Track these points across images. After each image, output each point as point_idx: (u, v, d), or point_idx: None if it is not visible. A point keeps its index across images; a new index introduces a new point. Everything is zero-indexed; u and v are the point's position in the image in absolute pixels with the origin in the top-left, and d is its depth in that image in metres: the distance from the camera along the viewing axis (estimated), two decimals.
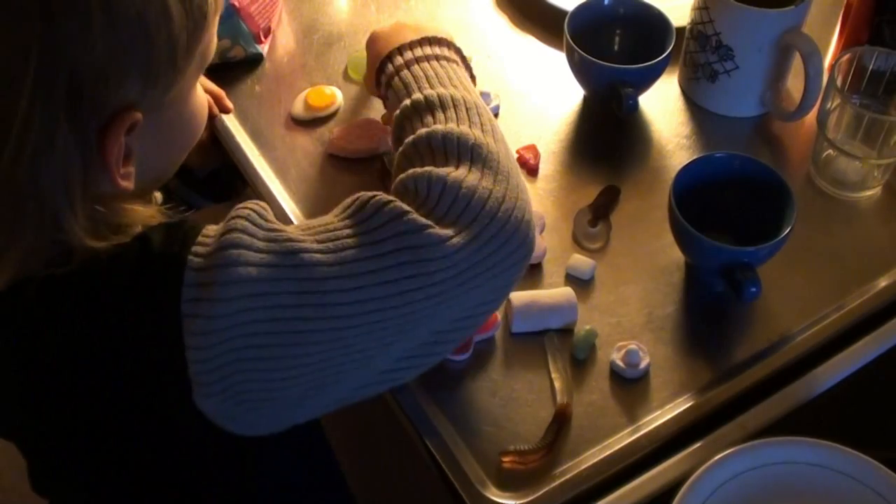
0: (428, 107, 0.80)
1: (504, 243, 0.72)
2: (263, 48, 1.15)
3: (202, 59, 0.76)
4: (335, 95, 1.11)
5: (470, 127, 0.77)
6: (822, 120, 1.01)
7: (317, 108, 1.09)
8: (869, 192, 1.04)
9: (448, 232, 0.70)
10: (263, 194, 1.02)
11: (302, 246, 0.67)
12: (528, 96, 1.13)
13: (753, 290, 0.88)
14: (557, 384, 0.88)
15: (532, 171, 1.05)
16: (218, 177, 1.10)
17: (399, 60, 0.87)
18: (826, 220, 1.01)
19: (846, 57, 1.01)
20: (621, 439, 0.85)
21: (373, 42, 0.94)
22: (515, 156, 0.83)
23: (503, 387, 0.88)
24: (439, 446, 0.84)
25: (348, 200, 0.73)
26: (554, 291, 0.93)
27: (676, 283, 0.96)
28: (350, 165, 1.05)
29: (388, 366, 0.72)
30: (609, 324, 0.92)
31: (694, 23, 1.07)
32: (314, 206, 1.01)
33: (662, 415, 0.87)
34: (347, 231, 0.69)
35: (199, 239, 0.68)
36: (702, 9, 1.05)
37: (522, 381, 0.89)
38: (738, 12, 1.02)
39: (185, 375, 0.66)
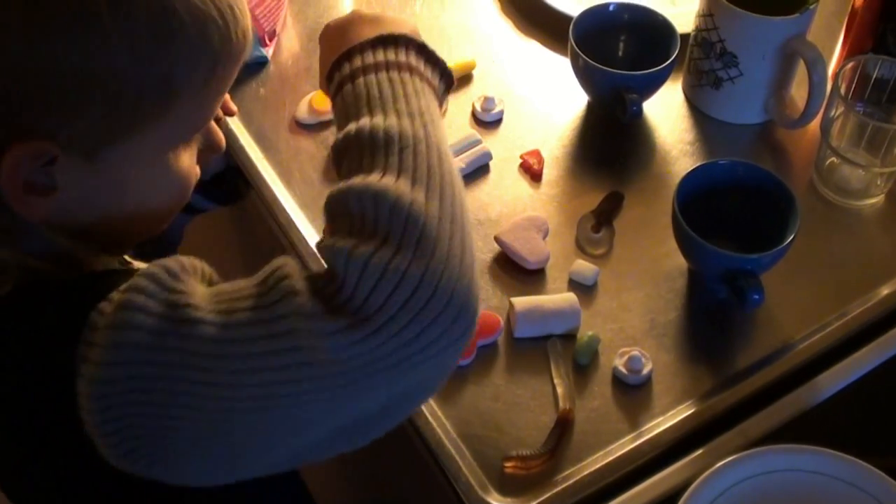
0: (369, 145, 0.68)
1: (418, 335, 0.61)
2: (268, 51, 1.15)
3: (182, 132, 0.73)
4: None
5: (412, 183, 0.65)
6: (825, 128, 1.02)
7: (321, 111, 1.09)
8: (872, 201, 1.04)
9: (342, 323, 0.60)
10: (267, 197, 1.03)
11: (196, 315, 0.63)
12: (533, 101, 1.13)
13: (756, 297, 0.88)
14: (560, 389, 0.88)
15: (536, 176, 1.05)
16: (222, 179, 1.09)
17: (347, 68, 0.76)
18: (829, 228, 1.01)
19: (850, 65, 1.01)
20: (623, 445, 0.85)
21: (325, 37, 0.84)
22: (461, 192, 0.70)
23: (505, 392, 0.88)
24: (441, 451, 0.84)
25: (268, 265, 0.66)
26: (557, 297, 0.93)
27: (679, 290, 0.96)
28: None
29: (324, 436, 0.66)
30: (612, 330, 0.93)
31: (698, 29, 1.07)
32: (317, 209, 1.01)
33: (664, 421, 0.87)
34: (248, 302, 0.63)
35: (112, 294, 0.65)
36: (706, 15, 1.05)
37: (525, 386, 0.89)
38: (743, 19, 1.02)
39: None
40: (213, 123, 0.79)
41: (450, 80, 0.80)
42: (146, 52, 0.66)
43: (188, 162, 0.76)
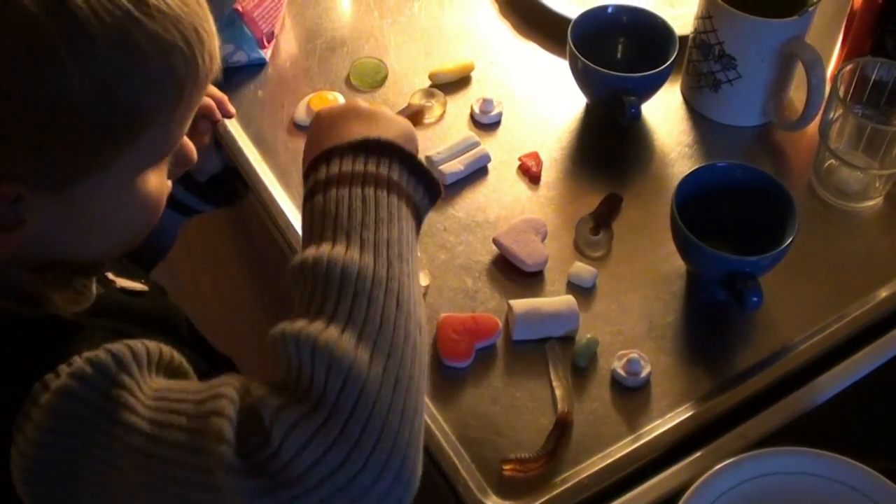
0: (323, 282, 0.63)
1: None
2: (266, 53, 1.15)
3: (150, 157, 0.72)
4: (338, 101, 1.11)
5: (357, 338, 0.60)
6: (824, 130, 1.01)
7: None
8: (870, 203, 1.04)
9: (258, 483, 0.58)
10: (265, 199, 1.02)
11: (131, 420, 0.62)
12: (531, 104, 1.13)
13: (755, 299, 0.88)
14: (558, 392, 0.88)
15: (534, 178, 1.05)
16: (220, 181, 1.09)
17: (323, 172, 0.70)
18: (827, 231, 1.01)
19: (849, 67, 1.01)
20: (622, 448, 0.85)
21: (314, 126, 0.77)
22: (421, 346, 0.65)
23: (504, 394, 0.88)
24: (440, 453, 0.84)
25: (217, 380, 0.64)
26: (555, 299, 0.93)
27: (678, 292, 0.96)
28: None
29: None
30: (610, 332, 0.92)
31: (697, 32, 1.07)
32: None
33: (663, 423, 0.86)
34: (183, 420, 0.61)
35: (60, 368, 0.64)
36: (705, 18, 1.05)
37: (523, 388, 0.89)
38: (742, 22, 1.02)
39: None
40: (186, 139, 0.79)
41: (436, 194, 0.73)
42: (109, 88, 0.65)
43: (157, 182, 0.75)
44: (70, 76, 0.63)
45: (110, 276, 0.85)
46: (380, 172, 0.70)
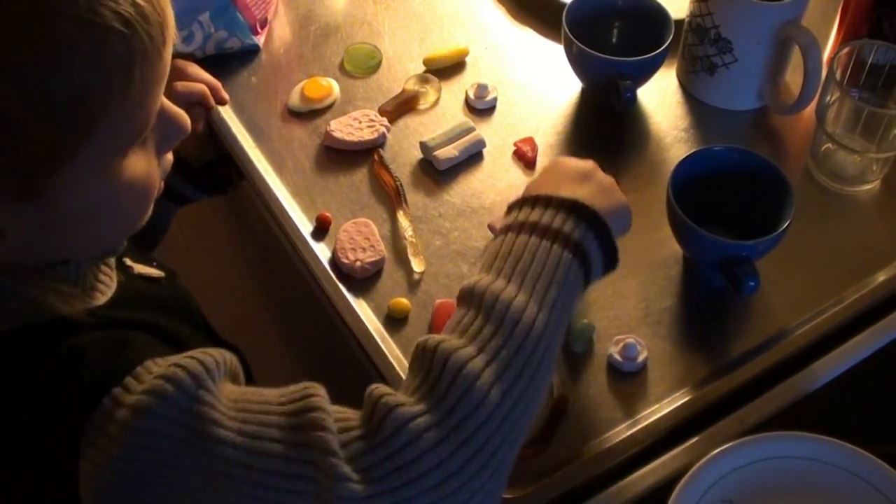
0: (487, 312, 0.69)
1: None
2: (260, 39, 1.15)
3: (122, 140, 0.68)
4: (332, 87, 1.10)
5: (496, 376, 0.66)
6: (820, 113, 1.01)
7: (313, 99, 1.08)
8: (867, 186, 1.03)
9: (366, 491, 0.62)
10: (259, 186, 1.02)
11: (220, 434, 0.63)
12: (526, 89, 1.12)
13: (752, 284, 0.88)
14: (555, 378, 0.87)
15: (529, 163, 1.04)
16: (214, 169, 1.09)
17: (527, 213, 0.75)
18: (824, 214, 1.01)
19: (845, 50, 1.01)
20: (619, 433, 0.85)
21: (550, 167, 0.84)
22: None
23: None
24: None
25: (296, 391, 0.67)
26: None
27: (674, 277, 0.95)
28: (346, 157, 1.05)
29: None
30: (607, 317, 0.92)
31: (692, 15, 1.07)
32: (309, 197, 1.01)
33: (660, 409, 0.86)
34: (275, 432, 0.64)
35: (127, 381, 0.64)
36: (700, 1, 1.04)
37: None
38: (737, 5, 1.02)
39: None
40: (169, 109, 0.74)
41: (613, 267, 0.78)
42: (41, 85, 0.61)
43: (142, 162, 0.72)
44: None
45: (128, 262, 0.84)
46: (574, 237, 0.74)
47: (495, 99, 1.10)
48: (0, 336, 0.68)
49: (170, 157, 0.78)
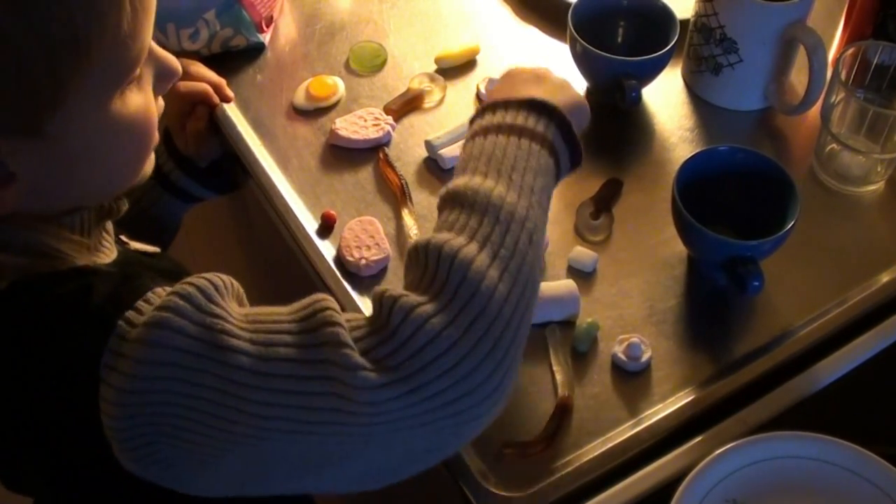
0: (471, 205, 0.70)
1: (452, 401, 0.64)
2: (265, 37, 1.15)
3: (118, 73, 0.69)
4: (337, 85, 1.10)
5: (491, 258, 0.67)
6: (825, 114, 1.01)
7: (318, 97, 1.09)
8: (872, 187, 1.03)
9: (382, 378, 0.63)
10: (264, 184, 1.02)
11: (233, 344, 0.64)
12: None
13: (756, 284, 0.88)
14: (559, 377, 0.88)
15: None
16: (219, 168, 1.09)
17: (489, 118, 0.78)
18: (829, 215, 1.01)
19: (850, 51, 1.01)
20: (622, 432, 0.85)
21: (505, 76, 0.88)
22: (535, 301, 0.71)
23: None
24: None
25: (307, 300, 0.68)
26: (556, 283, 0.93)
27: (679, 277, 0.95)
28: (351, 156, 1.05)
29: (332, 476, 0.68)
30: (611, 317, 0.92)
31: (698, 15, 1.07)
32: (315, 196, 1.01)
33: (664, 408, 0.86)
34: (287, 338, 0.65)
35: (139, 304, 0.65)
36: (706, 1, 1.04)
37: (524, 373, 0.88)
38: (743, 5, 1.02)
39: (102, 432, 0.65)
40: (158, 50, 0.75)
41: (579, 161, 0.81)
42: (38, 16, 0.63)
43: (140, 100, 0.73)
44: None
45: (124, 238, 0.85)
46: (537, 130, 0.77)
47: None
48: (19, 284, 0.68)
49: (161, 102, 0.79)
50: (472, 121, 0.80)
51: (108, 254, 0.78)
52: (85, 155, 0.71)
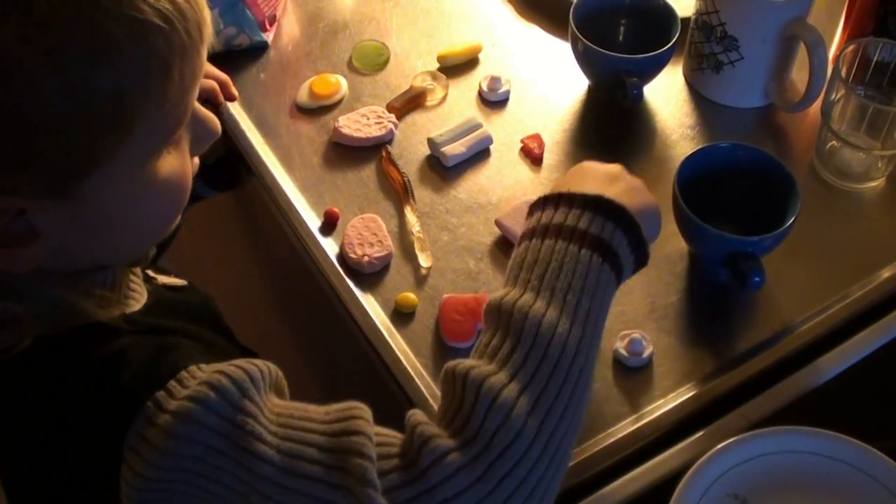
0: (517, 332, 0.67)
1: None
2: (268, 36, 1.15)
3: (157, 139, 0.68)
4: (340, 84, 1.11)
5: (531, 403, 0.64)
6: (826, 111, 1.01)
7: (322, 96, 1.09)
8: (873, 184, 1.04)
9: None
10: (268, 182, 1.02)
11: (259, 450, 0.63)
12: (533, 86, 1.12)
13: (757, 279, 0.88)
14: None
15: (536, 160, 1.05)
16: (223, 166, 1.09)
17: (550, 215, 0.73)
18: (829, 211, 1.01)
19: (851, 48, 1.01)
20: (624, 428, 0.85)
21: (571, 173, 0.81)
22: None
23: None
24: None
25: (342, 410, 0.66)
26: None
27: (680, 273, 0.96)
28: (354, 153, 1.05)
29: None
30: (612, 312, 0.91)
31: (699, 13, 1.07)
32: (318, 193, 1.01)
33: (665, 404, 0.87)
34: (314, 453, 0.64)
35: (171, 385, 0.64)
36: None
37: None
38: (744, 2, 1.02)
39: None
40: (200, 111, 0.74)
41: (644, 263, 0.77)
42: (82, 81, 0.60)
43: (177, 162, 0.71)
44: (38, 79, 0.59)
45: (150, 273, 0.83)
46: (603, 236, 0.71)
47: (508, 92, 1.10)
48: (40, 341, 0.67)
49: (196, 161, 0.77)
50: (531, 209, 0.75)
51: (137, 298, 0.76)
52: (116, 217, 0.69)
